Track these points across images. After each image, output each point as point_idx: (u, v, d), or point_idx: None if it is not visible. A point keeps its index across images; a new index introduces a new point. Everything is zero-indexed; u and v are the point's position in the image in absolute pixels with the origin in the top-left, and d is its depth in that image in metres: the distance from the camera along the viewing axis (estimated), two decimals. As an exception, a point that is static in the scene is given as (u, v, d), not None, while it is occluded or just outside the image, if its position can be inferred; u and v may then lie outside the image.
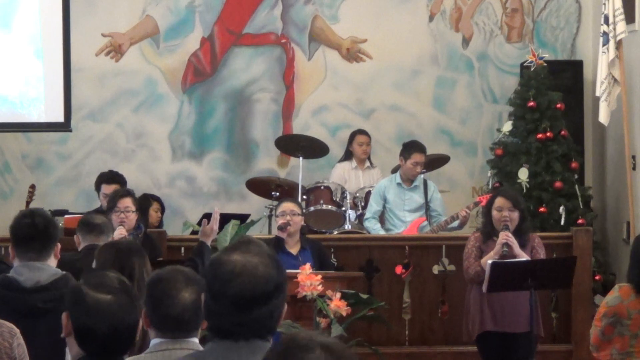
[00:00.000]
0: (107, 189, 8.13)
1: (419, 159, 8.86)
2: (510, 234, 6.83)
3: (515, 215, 6.95)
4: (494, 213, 6.99)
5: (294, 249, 7.41)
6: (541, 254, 7.02)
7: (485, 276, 6.70)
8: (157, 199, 9.66)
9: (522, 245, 6.91)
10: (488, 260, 6.73)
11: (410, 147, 8.95)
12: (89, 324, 3.04)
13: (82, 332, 3.07)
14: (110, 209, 7.10)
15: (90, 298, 3.06)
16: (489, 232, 7.01)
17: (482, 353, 7.08)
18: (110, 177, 8.74)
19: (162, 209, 9.65)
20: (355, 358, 2.20)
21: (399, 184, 8.97)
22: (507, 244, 6.78)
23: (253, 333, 2.73)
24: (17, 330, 4.17)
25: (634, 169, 9.17)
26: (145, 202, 9.47)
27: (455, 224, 8.69)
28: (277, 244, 7.30)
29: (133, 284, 4.25)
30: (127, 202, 7.13)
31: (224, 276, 2.69)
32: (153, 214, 9.43)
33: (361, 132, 9.94)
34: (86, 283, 3.12)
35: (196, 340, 3.39)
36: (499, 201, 7.00)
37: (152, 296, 3.41)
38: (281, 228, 7.37)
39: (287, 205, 7.54)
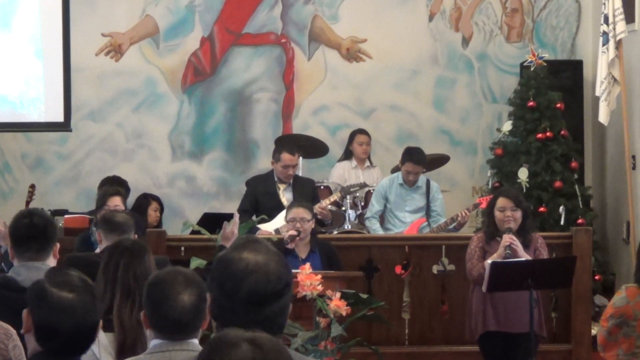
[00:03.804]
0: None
1: (410, 168, 8.78)
2: (514, 237, 6.81)
3: (518, 214, 6.92)
4: (497, 213, 6.95)
5: (302, 253, 7.31)
6: (544, 256, 7.00)
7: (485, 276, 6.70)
8: (156, 199, 9.67)
9: (526, 246, 6.89)
10: (488, 260, 6.72)
11: (406, 156, 8.84)
12: (51, 321, 3.03)
13: (44, 330, 3.05)
14: (100, 207, 7.08)
15: (53, 296, 3.04)
16: (492, 232, 6.98)
17: (485, 353, 7.07)
18: (114, 182, 8.74)
19: (161, 209, 9.65)
20: (286, 352, 2.19)
21: (401, 184, 8.92)
22: (509, 247, 6.76)
23: (265, 330, 2.72)
24: (14, 332, 4.12)
25: (633, 168, 9.17)
26: (144, 202, 9.49)
27: (453, 226, 8.67)
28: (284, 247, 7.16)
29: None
30: (116, 201, 7.09)
31: (236, 274, 2.69)
32: (152, 213, 9.43)
33: (361, 131, 9.93)
34: (49, 281, 3.10)
35: (196, 341, 3.36)
36: (501, 201, 6.97)
37: (151, 298, 3.36)
38: (290, 240, 7.16)
39: (298, 212, 7.29)
